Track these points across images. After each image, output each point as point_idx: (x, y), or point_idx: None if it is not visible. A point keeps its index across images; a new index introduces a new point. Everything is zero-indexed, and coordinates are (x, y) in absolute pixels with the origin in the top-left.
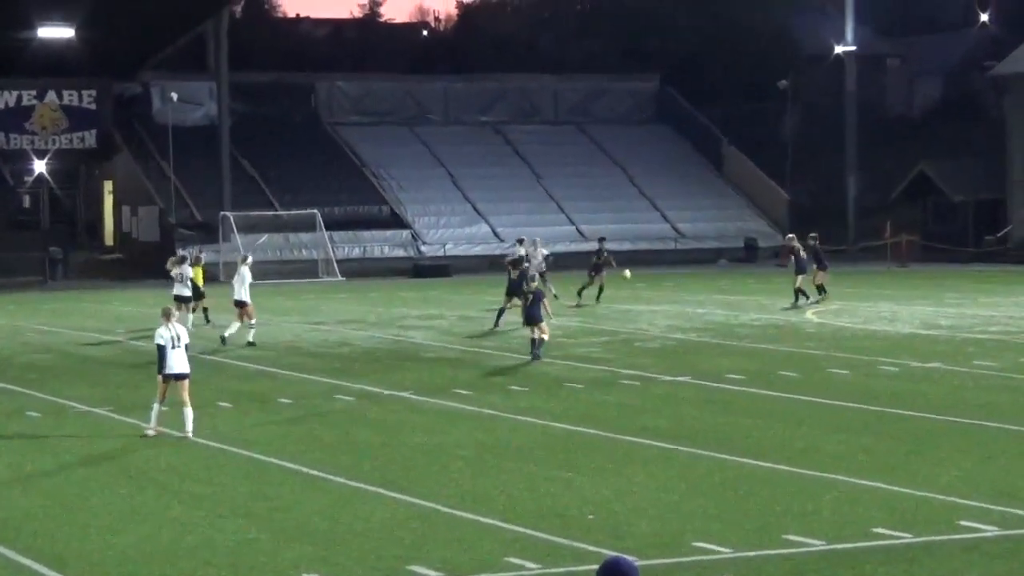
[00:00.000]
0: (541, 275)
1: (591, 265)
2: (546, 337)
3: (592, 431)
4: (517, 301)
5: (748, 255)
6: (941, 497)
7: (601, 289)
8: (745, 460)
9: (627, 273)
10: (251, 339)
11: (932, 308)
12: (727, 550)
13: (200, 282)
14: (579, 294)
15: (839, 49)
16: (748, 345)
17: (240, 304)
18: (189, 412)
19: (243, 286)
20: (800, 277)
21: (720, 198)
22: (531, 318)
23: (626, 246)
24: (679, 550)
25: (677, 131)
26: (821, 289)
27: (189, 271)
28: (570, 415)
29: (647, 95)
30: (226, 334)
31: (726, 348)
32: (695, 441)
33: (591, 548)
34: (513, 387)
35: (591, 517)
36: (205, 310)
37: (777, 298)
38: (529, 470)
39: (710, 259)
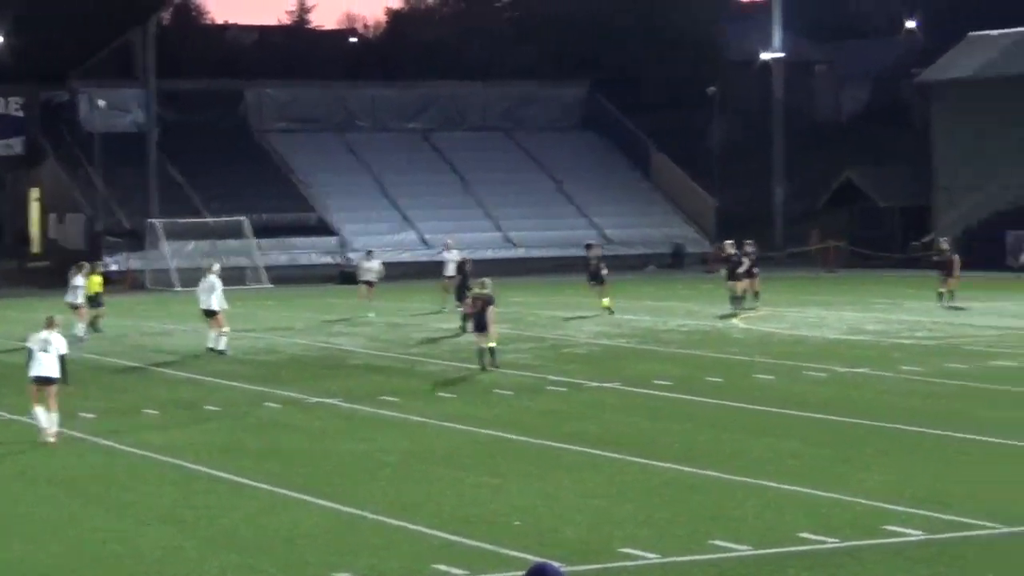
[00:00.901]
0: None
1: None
2: (494, 344)
3: (519, 437)
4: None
5: (676, 261)
6: (867, 502)
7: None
8: (672, 466)
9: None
10: (221, 347)
11: (859, 314)
12: (654, 556)
13: (96, 291)
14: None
15: (766, 55)
16: (675, 351)
17: (209, 313)
18: (54, 417)
19: (212, 295)
20: (737, 283)
21: (648, 204)
22: (480, 326)
23: (554, 252)
24: (606, 556)
25: (605, 138)
26: (746, 296)
27: (80, 280)
28: (497, 421)
29: (575, 102)
30: (219, 347)
31: (653, 354)
32: (622, 447)
33: (518, 554)
34: (441, 394)
35: (518, 523)
36: (95, 319)
37: (704, 304)
38: (456, 476)
39: (638, 265)
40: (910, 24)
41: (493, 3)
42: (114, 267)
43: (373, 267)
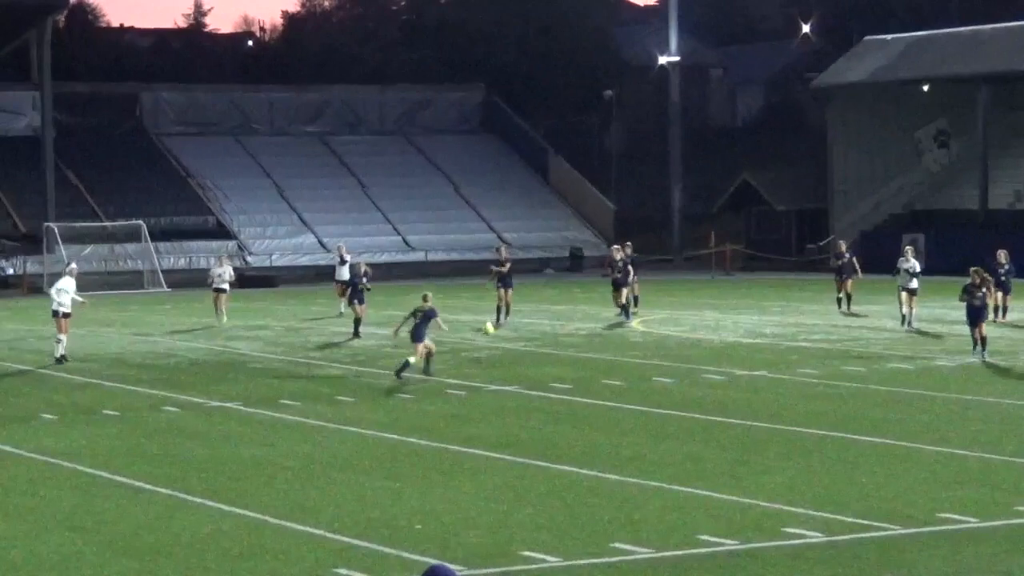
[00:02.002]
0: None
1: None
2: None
3: (419, 441)
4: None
5: (574, 264)
6: (766, 504)
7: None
8: (572, 469)
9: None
10: (59, 353)
11: (756, 317)
12: (555, 559)
13: None
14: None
15: (663, 59)
16: (574, 354)
17: (57, 315)
18: None
19: (61, 296)
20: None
21: (546, 208)
22: (418, 336)
23: (452, 256)
24: (507, 559)
25: (503, 141)
26: (635, 301)
27: None
28: (397, 425)
29: (472, 105)
30: (58, 354)
31: (552, 357)
32: (522, 450)
33: (418, 558)
34: (340, 397)
35: (419, 527)
36: None
37: (603, 307)
38: (356, 481)
39: (536, 268)
40: (805, 28)
41: (389, 6)
42: (10, 271)
43: (225, 273)
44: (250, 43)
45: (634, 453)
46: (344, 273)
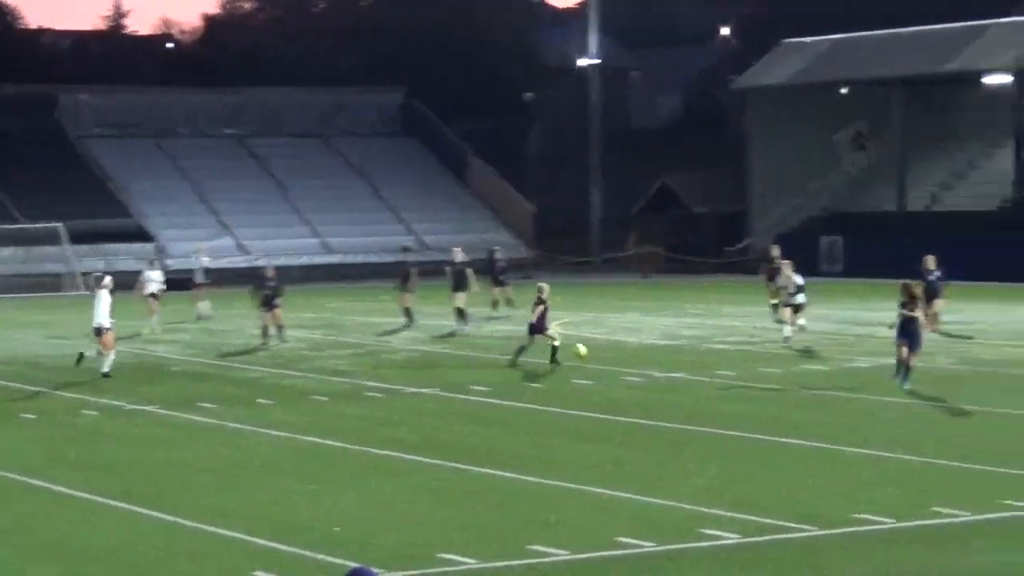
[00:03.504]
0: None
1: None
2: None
3: (337, 443)
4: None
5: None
6: (684, 506)
7: None
8: (491, 471)
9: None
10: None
11: (675, 319)
12: (473, 561)
13: None
14: None
15: (582, 62)
16: (493, 356)
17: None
18: None
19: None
20: (464, 294)
21: (465, 211)
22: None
23: (372, 259)
24: (425, 562)
25: (422, 144)
26: (496, 304)
27: None
28: (315, 428)
29: (392, 108)
30: None
31: (471, 360)
32: (441, 453)
33: (337, 561)
34: (259, 400)
35: (337, 530)
36: None
37: (522, 309)
38: (275, 483)
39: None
40: (724, 31)
41: (310, 9)
42: None
43: (157, 277)
44: (169, 45)
45: (552, 455)
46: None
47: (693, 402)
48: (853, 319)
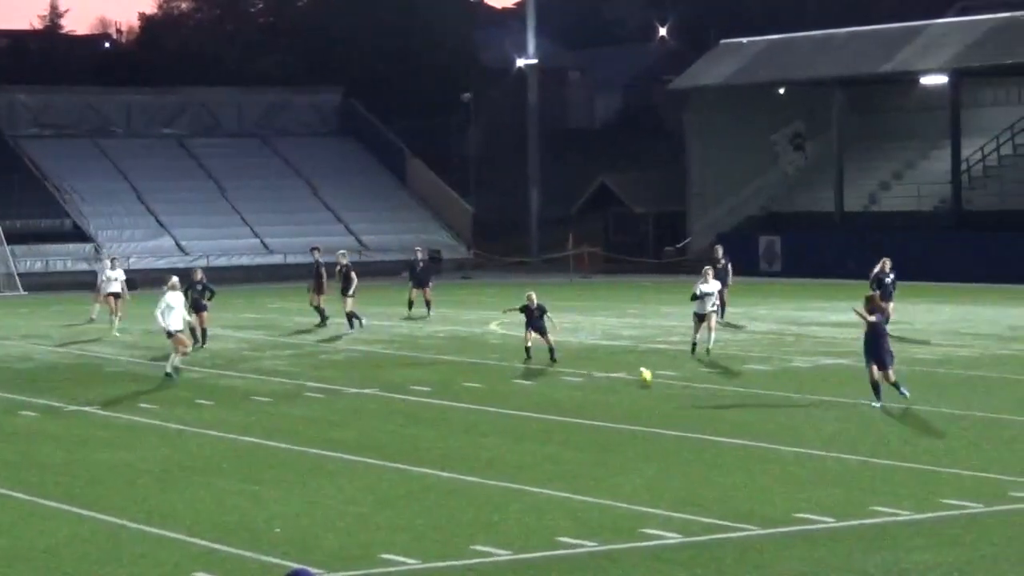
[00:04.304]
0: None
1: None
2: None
3: (279, 444)
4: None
5: (432, 267)
6: (625, 505)
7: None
8: (431, 471)
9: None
10: (169, 369)
11: (614, 319)
12: (414, 561)
13: None
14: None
15: (521, 62)
16: (433, 356)
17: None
18: None
19: (170, 316)
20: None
21: (404, 211)
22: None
23: (310, 258)
24: (367, 562)
25: (361, 144)
26: (427, 305)
27: None
28: (256, 428)
29: (330, 108)
30: None
31: (411, 360)
32: (381, 453)
33: (278, 561)
34: (199, 401)
35: (278, 530)
36: None
37: (461, 309)
38: (216, 484)
39: (394, 271)
40: (662, 31)
41: (247, 9)
42: None
43: (119, 276)
44: (107, 45)
45: (493, 455)
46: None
47: (632, 402)
48: (791, 319)
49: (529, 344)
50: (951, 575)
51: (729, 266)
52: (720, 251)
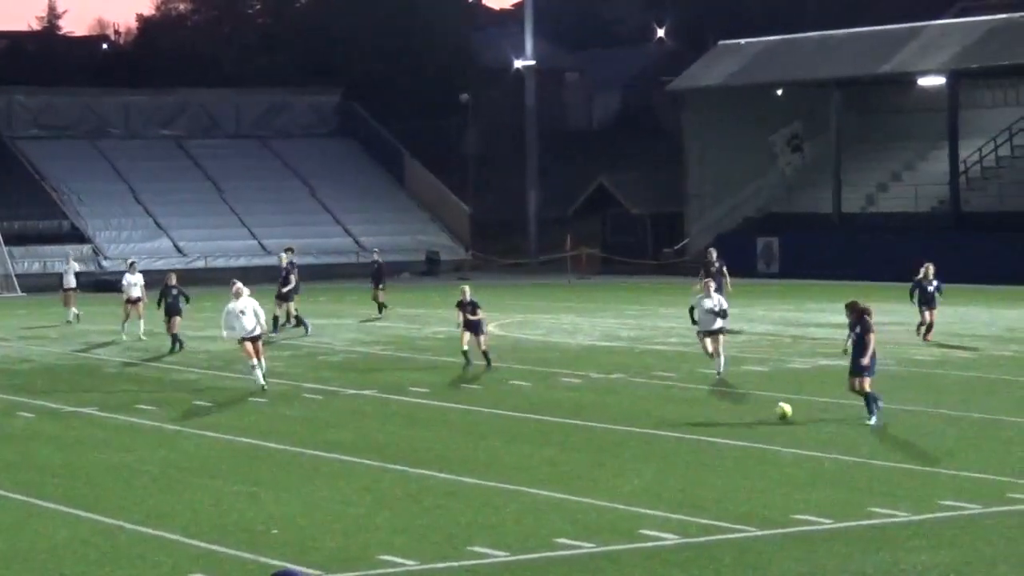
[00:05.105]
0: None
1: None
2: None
3: (276, 445)
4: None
5: (430, 269)
6: (623, 507)
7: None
8: (430, 473)
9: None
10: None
11: (612, 320)
12: (413, 563)
13: None
14: None
15: (519, 63)
16: (431, 358)
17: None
18: None
19: (243, 321)
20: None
21: (402, 212)
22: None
23: (309, 260)
24: (365, 563)
25: (360, 145)
26: (380, 307)
27: None
28: (254, 429)
29: (329, 109)
30: None
31: (409, 361)
32: (380, 454)
33: (277, 562)
34: (197, 402)
35: (276, 532)
36: None
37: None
38: (214, 485)
39: (392, 273)
40: (660, 33)
41: (245, 10)
42: None
43: (139, 281)
44: (105, 46)
45: (491, 457)
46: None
47: (630, 403)
48: (789, 320)
49: (466, 348)
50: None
51: (724, 269)
52: (714, 254)
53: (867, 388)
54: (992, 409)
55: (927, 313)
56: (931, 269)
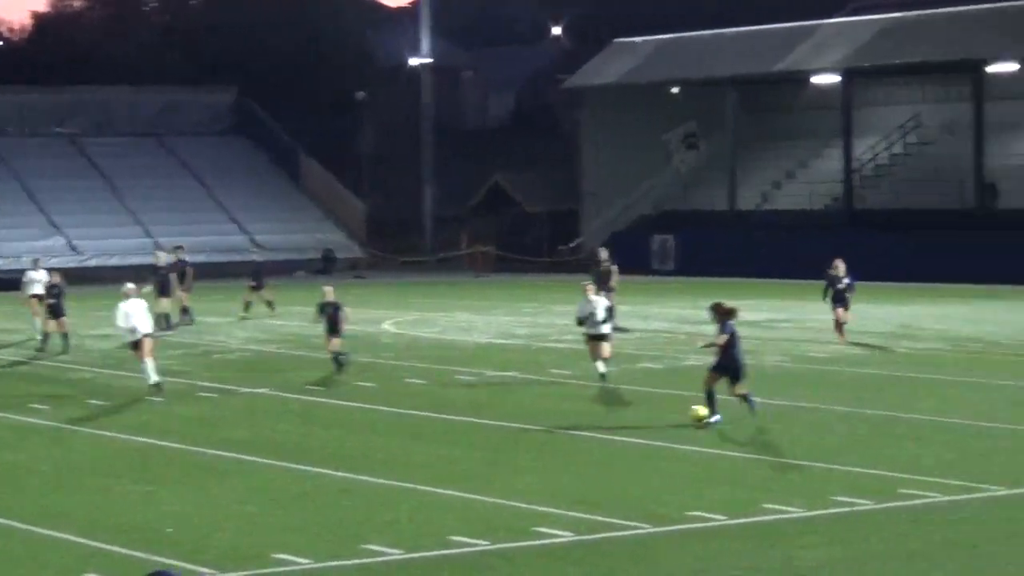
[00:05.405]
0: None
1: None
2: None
3: (172, 444)
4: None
5: (326, 266)
6: (518, 504)
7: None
8: (324, 471)
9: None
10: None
11: (508, 318)
12: (307, 561)
13: None
14: None
15: (414, 61)
16: (326, 356)
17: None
18: None
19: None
20: (168, 300)
21: (298, 210)
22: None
23: (202, 258)
24: (259, 562)
25: (255, 143)
26: (270, 305)
27: None
28: (149, 428)
29: (224, 107)
30: None
31: (304, 360)
32: (275, 453)
33: (171, 561)
34: (91, 401)
35: (170, 530)
36: None
37: (355, 308)
38: (107, 484)
39: (287, 270)
40: (556, 31)
41: (141, 8)
42: None
43: (42, 278)
44: None
45: (386, 455)
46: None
47: (525, 401)
48: (685, 317)
49: (332, 351)
50: (842, 572)
51: (614, 268)
52: (604, 253)
53: (743, 390)
54: (885, 406)
55: (840, 311)
56: (842, 267)
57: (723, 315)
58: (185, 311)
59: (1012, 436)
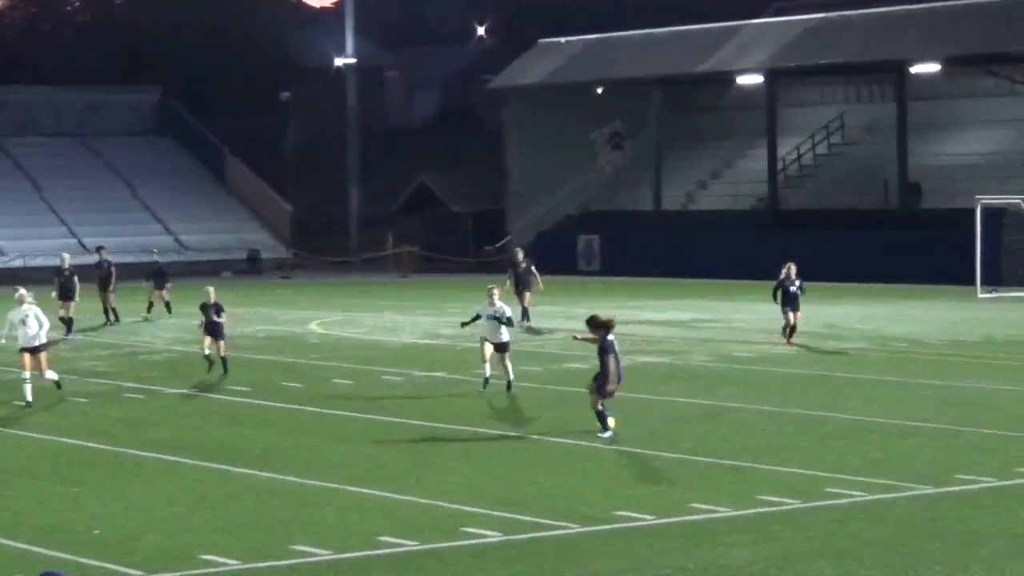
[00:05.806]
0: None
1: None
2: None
3: (97, 445)
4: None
5: (252, 267)
6: (445, 504)
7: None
8: (251, 472)
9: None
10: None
11: (434, 318)
12: (234, 562)
13: None
14: None
15: (339, 61)
16: (252, 356)
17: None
18: None
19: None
20: (73, 303)
21: (223, 211)
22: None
23: (129, 259)
24: (186, 563)
25: (180, 143)
26: (167, 307)
27: None
28: (74, 430)
29: (148, 107)
30: None
31: (230, 360)
32: (200, 454)
33: (97, 563)
34: (16, 402)
35: (97, 532)
36: None
37: (281, 309)
38: (33, 486)
39: (213, 271)
40: (481, 31)
41: (63, 7)
42: None
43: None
44: None
45: (313, 455)
46: None
47: (452, 401)
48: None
49: (208, 352)
50: (769, 571)
51: (533, 268)
52: (520, 254)
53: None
54: (811, 405)
55: (791, 314)
56: (793, 269)
57: (598, 328)
58: (110, 311)
59: (937, 435)
